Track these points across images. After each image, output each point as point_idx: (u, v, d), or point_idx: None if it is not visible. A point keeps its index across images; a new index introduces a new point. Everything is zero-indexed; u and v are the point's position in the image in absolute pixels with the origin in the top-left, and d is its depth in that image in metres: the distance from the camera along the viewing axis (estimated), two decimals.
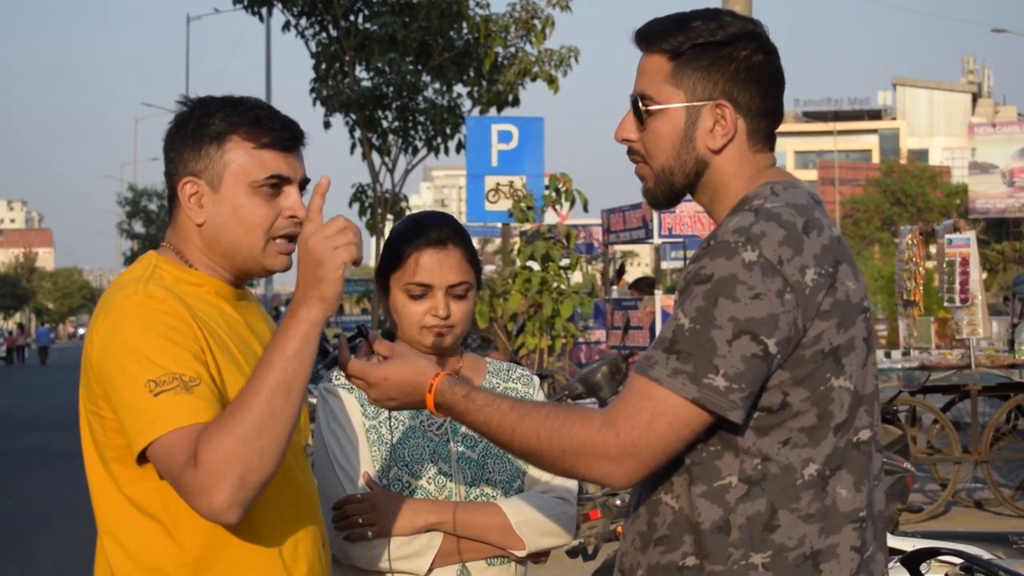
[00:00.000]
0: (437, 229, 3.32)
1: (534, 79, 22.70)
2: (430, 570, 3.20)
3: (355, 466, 3.24)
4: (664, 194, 2.63)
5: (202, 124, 2.73)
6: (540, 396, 3.49)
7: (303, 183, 2.79)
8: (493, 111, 22.92)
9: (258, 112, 2.75)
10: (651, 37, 2.59)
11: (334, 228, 2.54)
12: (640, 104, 2.59)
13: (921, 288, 14.46)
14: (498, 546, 3.25)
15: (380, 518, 3.15)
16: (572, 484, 3.37)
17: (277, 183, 2.73)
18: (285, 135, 2.75)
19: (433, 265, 3.28)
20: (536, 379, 3.54)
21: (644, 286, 15.09)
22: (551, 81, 22.44)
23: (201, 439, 2.43)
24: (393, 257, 3.32)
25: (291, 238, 2.77)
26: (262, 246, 2.74)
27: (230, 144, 2.71)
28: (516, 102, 23.07)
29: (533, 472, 3.35)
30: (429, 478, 3.26)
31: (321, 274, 2.52)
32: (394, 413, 3.29)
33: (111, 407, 2.57)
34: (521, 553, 3.27)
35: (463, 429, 3.33)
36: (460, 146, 23.17)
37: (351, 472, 3.23)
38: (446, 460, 3.29)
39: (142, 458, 2.53)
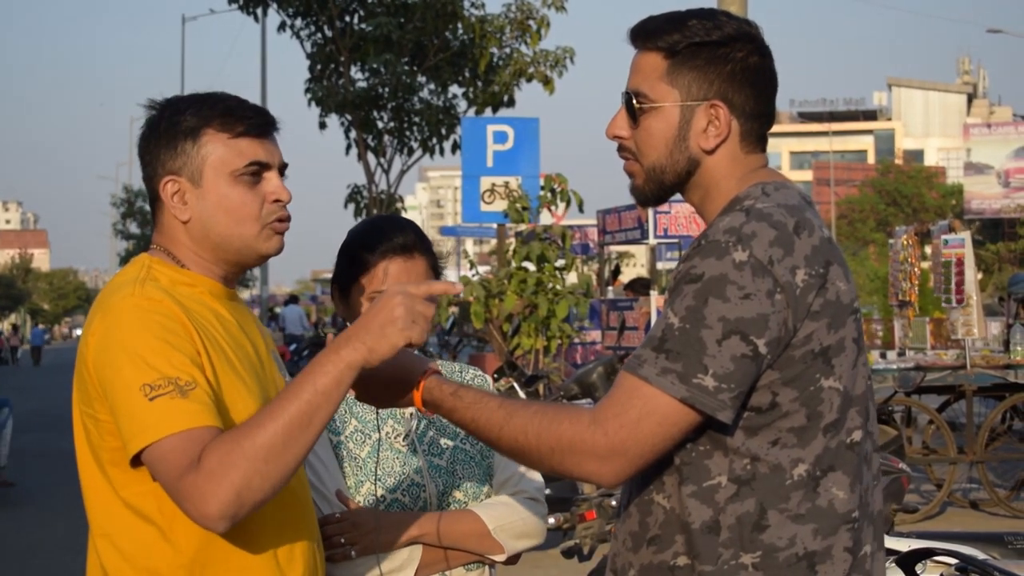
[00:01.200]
0: (403, 235, 3.25)
1: (529, 80, 22.68)
2: None
3: (328, 485, 3.20)
4: (653, 192, 2.62)
5: (174, 123, 2.72)
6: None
7: (282, 168, 2.79)
8: (488, 112, 22.90)
9: (228, 103, 2.75)
10: (647, 35, 2.59)
11: (421, 306, 2.53)
12: (634, 101, 2.58)
13: (916, 289, 14.46)
14: (477, 552, 3.24)
15: (362, 536, 3.12)
16: (541, 482, 3.35)
17: (257, 170, 2.73)
18: (258, 121, 2.75)
19: (401, 275, 3.21)
20: (489, 378, 3.49)
21: (639, 287, 15.11)
22: (546, 82, 22.43)
23: (210, 447, 2.42)
24: (357, 263, 3.24)
25: (280, 221, 2.76)
26: (254, 233, 2.73)
27: (205, 137, 2.71)
28: (511, 103, 23.06)
29: (501, 474, 3.34)
30: (403, 490, 3.23)
31: (386, 333, 2.50)
32: (360, 427, 3.27)
33: (107, 409, 2.56)
34: (500, 558, 3.26)
35: (428, 438, 3.31)
36: (455, 147, 23.16)
37: (324, 491, 3.18)
38: (417, 471, 3.26)
39: (136, 461, 2.52)
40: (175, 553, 2.59)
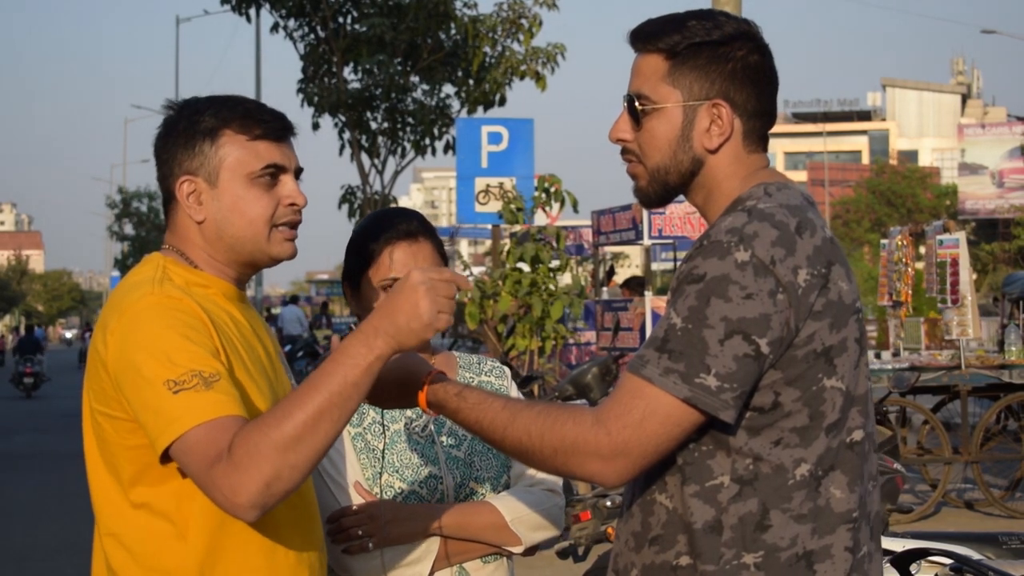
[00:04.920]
0: (406, 222, 3.27)
1: (522, 77, 22.64)
2: (430, 574, 3.19)
3: (345, 477, 3.21)
4: (657, 193, 2.63)
5: (193, 123, 2.73)
6: (513, 386, 3.47)
7: (298, 172, 2.80)
8: (480, 111, 22.88)
9: (247, 105, 2.77)
10: (647, 37, 2.60)
11: (445, 290, 2.51)
12: (636, 104, 2.59)
13: (909, 289, 14.46)
14: (494, 544, 3.24)
15: (380, 528, 3.13)
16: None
17: (274, 172, 2.74)
18: (276, 125, 2.77)
19: (407, 259, 3.23)
20: (507, 369, 3.51)
21: (635, 285, 15.11)
22: (538, 78, 22.39)
23: (239, 436, 2.42)
24: (363, 255, 3.26)
25: (292, 225, 2.77)
26: (266, 235, 2.74)
27: (224, 139, 2.72)
28: (503, 101, 23.03)
29: (518, 465, 3.34)
30: (420, 482, 3.24)
31: (413, 327, 2.49)
32: (378, 419, 3.28)
33: (129, 407, 2.55)
34: (518, 550, 3.26)
35: (446, 429, 3.32)
36: (448, 147, 23.13)
37: (342, 483, 3.20)
38: (435, 462, 3.27)
39: (165, 457, 2.52)
40: (186, 553, 2.60)
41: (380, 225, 3.28)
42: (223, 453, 2.41)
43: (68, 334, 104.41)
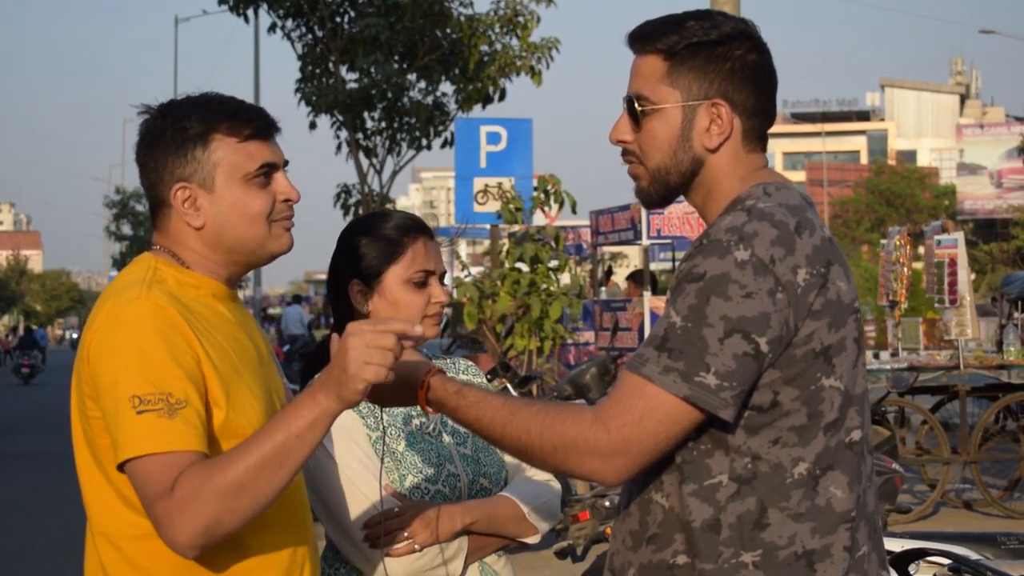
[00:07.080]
0: (414, 219, 3.32)
1: (517, 73, 22.59)
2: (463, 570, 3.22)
3: (374, 480, 3.21)
4: (659, 193, 2.64)
5: (180, 129, 2.72)
6: (484, 382, 3.49)
7: (284, 164, 2.81)
8: (478, 108, 22.84)
9: (231, 105, 2.76)
10: (645, 38, 2.61)
11: (376, 341, 2.48)
12: (636, 105, 2.59)
13: (905, 289, 14.47)
14: (514, 536, 3.27)
15: (422, 527, 3.15)
16: None
17: (267, 171, 2.75)
18: (263, 123, 2.77)
19: (433, 251, 3.28)
20: (478, 367, 3.54)
21: (639, 278, 15.14)
22: (533, 73, 22.34)
23: (184, 477, 2.44)
24: (387, 251, 3.25)
25: (288, 218, 2.79)
26: (266, 232, 2.75)
27: (215, 143, 2.71)
28: (502, 96, 22.99)
29: (511, 459, 3.34)
30: (443, 480, 3.26)
31: (344, 380, 2.49)
32: (392, 422, 3.28)
33: (99, 407, 2.56)
34: (534, 540, 3.30)
35: (450, 428, 3.34)
36: (445, 143, 23.11)
37: (374, 485, 3.19)
38: (451, 460, 3.29)
39: (120, 468, 2.53)
40: (175, 552, 2.59)
41: (395, 219, 3.30)
42: (167, 489, 2.44)
43: (74, 335, 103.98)
